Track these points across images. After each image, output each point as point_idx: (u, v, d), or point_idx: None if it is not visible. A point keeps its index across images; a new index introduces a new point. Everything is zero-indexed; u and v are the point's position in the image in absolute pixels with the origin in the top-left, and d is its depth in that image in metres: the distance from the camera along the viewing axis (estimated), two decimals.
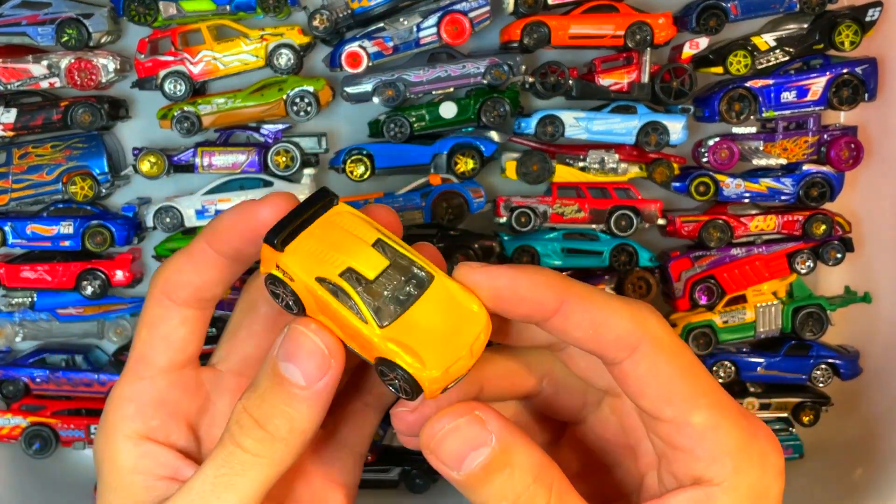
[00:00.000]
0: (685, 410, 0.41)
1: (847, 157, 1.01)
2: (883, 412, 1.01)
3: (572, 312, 0.41)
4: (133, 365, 0.48)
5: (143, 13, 0.97)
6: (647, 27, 0.97)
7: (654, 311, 0.43)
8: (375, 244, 0.42)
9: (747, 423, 0.43)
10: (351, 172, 1.00)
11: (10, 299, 1.03)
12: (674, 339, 0.42)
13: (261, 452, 0.43)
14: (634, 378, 0.42)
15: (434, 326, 0.41)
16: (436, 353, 0.40)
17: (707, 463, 0.41)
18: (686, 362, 0.42)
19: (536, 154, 1.01)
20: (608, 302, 0.42)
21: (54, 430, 1.03)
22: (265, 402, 0.43)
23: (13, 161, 1.01)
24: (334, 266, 0.41)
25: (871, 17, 0.97)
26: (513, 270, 0.42)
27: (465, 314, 0.41)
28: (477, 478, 0.41)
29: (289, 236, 0.42)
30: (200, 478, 0.43)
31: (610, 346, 0.42)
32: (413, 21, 0.98)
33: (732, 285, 1.03)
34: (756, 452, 0.42)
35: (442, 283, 0.42)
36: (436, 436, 0.41)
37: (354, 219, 0.43)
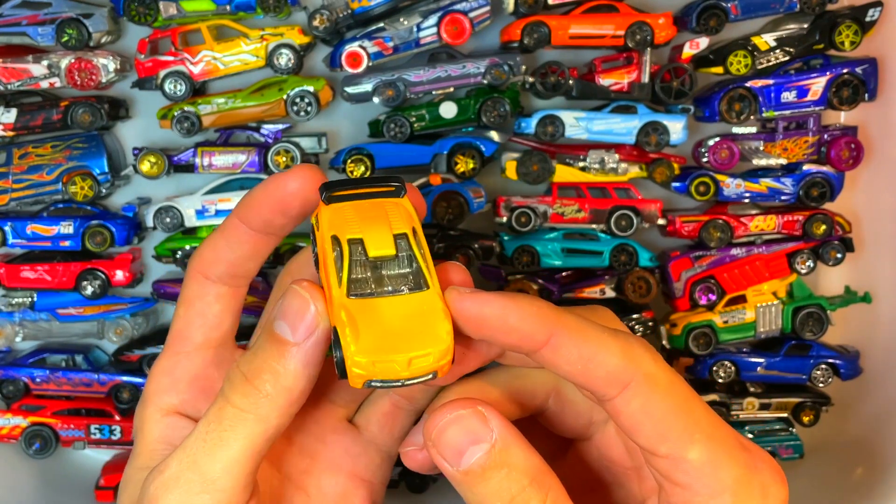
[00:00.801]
0: (681, 447, 0.40)
1: (847, 157, 1.01)
2: (883, 412, 1.01)
3: (561, 346, 0.40)
4: (171, 341, 0.51)
5: (143, 13, 0.97)
6: (648, 27, 0.97)
7: (647, 346, 0.42)
8: (398, 235, 0.43)
9: (747, 455, 0.42)
10: (351, 172, 1.00)
11: (10, 299, 1.03)
12: (667, 373, 0.41)
13: (247, 407, 0.43)
14: (627, 415, 0.41)
15: (393, 324, 0.41)
16: (374, 343, 0.40)
17: (705, 498, 0.41)
18: (680, 397, 0.41)
19: (536, 154, 1.01)
20: (599, 336, 0.41)
21: (54, 430, 1.03)
22: (256, 358, 0.43)
23: (13, 161, 1.01)
24: (350, 232, 0.42)
25: (872, 17, 0.97)
26: (502, 299, 0.41)
27: (430, 333, 0.41)
28: (474, 474, 0.40)
29: (339, 197, 0.43)
30: (194, 435, 0.44)
31: (600, 382, 0.41)
32: (413, 21, 0.98)
33: (732, 285, 1.03)
34: (757, 486, 0.41)
35: (430, 298, 0.42)
36: (437, 425, 0.40)
37: (402, 210, 0.44)
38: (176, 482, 0.43)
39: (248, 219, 0.47)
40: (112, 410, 1.04)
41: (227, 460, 0.43)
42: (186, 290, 0.50)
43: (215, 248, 0.49)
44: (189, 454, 0.43)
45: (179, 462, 0.43)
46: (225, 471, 0.43)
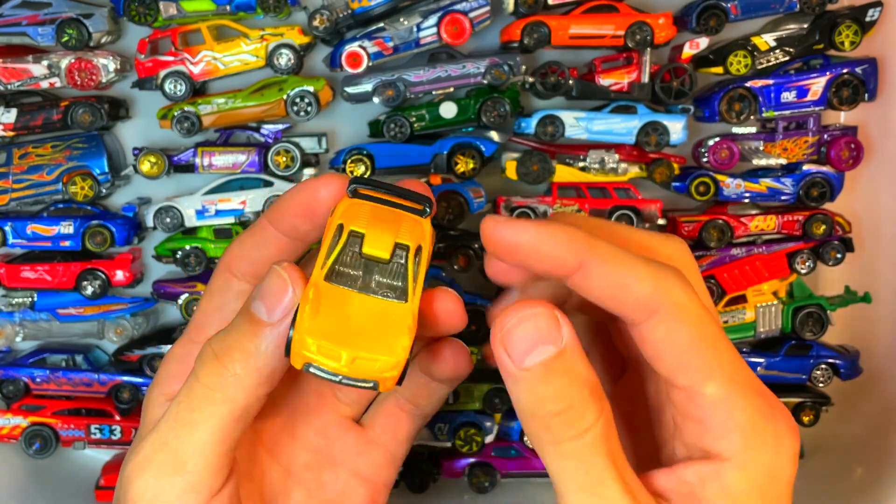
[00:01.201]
0: (699, 380, 0.41)
1: (847, 157, 1.01)
2: (883, 412, 1.01)
3: (592, 272, 0.41)
4: (189, 329, 0.51)
5: (143, 13, 0.97)
6: (648, 27, 0.97)
7: (679, 274, 0.42)
8: (400, 245, 0.42)
9: (764, 401, 0.42)
10: (351, 172, 1.00)
11: (10, 299, 1.03)
12: (698, 306, 0.41)
13: (214, 386, 0.43)
14: (651, 342, 0.41)
15: (355, 319, 0.41)
16: (327, 329, 0.40)
17: (717, 436, 0.41)
18: (706, 331, 0.41)
19: (536, 154, 1.01)
20: (631, 263, 0.41)
21: (54, 430, 1.03)
22: (228, 337, 0.43)
23: (13, 161, 1.01)
24: (356, 225, 0.42)
25: (871, 17, 0.97)
26: (535, 227, 0.42)
27: (387, 341, 0.41)
28: (537, 374, 0.40)
29: (364, 195, 0.44)
30: (166, 416, 0.44)
31: (629, 307, 0.41)
32: (413, 21, 0.98)
33: (732, 285, 1.03)
34: (770, 432, 0.41)
35: (403, 310, 0.42)
36: (512, 319, 0.40)
37: (417, 228, 0.44)
38: (148, 464, 0.43)
39: (276, 221, 0.47)
40: (112, 410, 1.04)
41: (198, 442, 0.43)
42: (211, 283, 0.51)
43: (242, 246, 0.49)
44: (161, 435, 0.43)
45: (152, 444, 0.44)
46: (196, 452, 0.43)
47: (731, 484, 0.41)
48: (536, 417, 0.40)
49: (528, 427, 0.41)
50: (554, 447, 0.40)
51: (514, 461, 1.03)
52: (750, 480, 0.41)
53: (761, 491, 0.41)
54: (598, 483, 0.39)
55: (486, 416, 1.03)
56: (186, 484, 0.43)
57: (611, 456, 0.40)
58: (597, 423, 0.40)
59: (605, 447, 0.40)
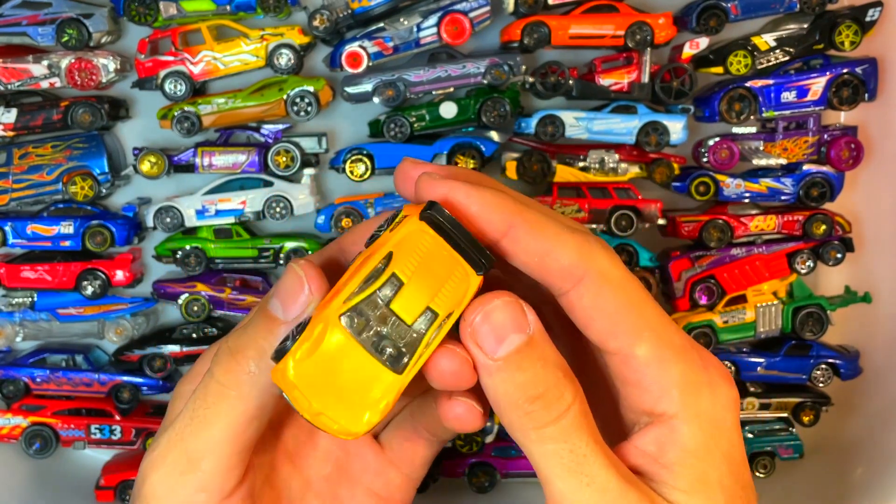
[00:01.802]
0: (629, 343, 0.41)
1: (847, 157, 1.01)
2: (883, 412, 1.01)
3: (520, 238, 0.41)
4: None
5: (143, 13, 0.97)
6: (648, 27, 0.97)
7: (603, 244, 0.43)
8: (430, 311, 0.41)
9: (696, 354, 0.43)
10: (351, 172, 1.00)
11: (10, 299, 1.03)
12: (621, 272, 0.42)
13: (229, 384, 0.43)
14: (580, 309, 0.42)
15: (341, 374, 0.40)
16: (311, 373, 0.39)
17: (656, 396, 0.42)
18: (631, 296, 0.42)
19: (537, 154, 1.01)
20: (557, 232, 0.42)
21: (54, 430, 1.03)
22: (244, 334, 0.43)
23: (13, 161, 1.01)
24: (403, 267, 0.40)
25: (872, 17, 0.97)
26: (468, 188, 0.42)
27: (356, 409, 0.40)
28: (512, 362, 0.40)
29: (435, 222, 0.41)
30: (182, 412, 0.44)
31: (555, 275, 0.42)
32: (413, 21, 0.98)
33: (733, 285, 1.03)
34: (705, 384, 0.42)
35: (391, 384, 0.40)
36: (483, 309, 0.40)
37: (461, 289, 0.41)
38: (163, 461, 0.43)
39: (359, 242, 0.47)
40: (112, 410, 1.04)
41: (211, 441, 0.43)
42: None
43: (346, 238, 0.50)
44: (177, 432, 0.43)
45: (168, 440, 0.43)
46: (209, 451, 0.43)
47: (686, 440, 0.41)
48: (516, 406, 0.40)
49: (508, 417, 0.41)
50: (536, 433, 0.40)
51: (514, 461, 1.03)
52: (700, 431, 0.41)
53: (714, 438, 0.42)
54: (584, 461, 0.40)
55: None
56: (199, 483, 0.43)
57: (592, 433, 0.41)
58: (574, 403, 0.40)
59: (585, 425, 0.41)
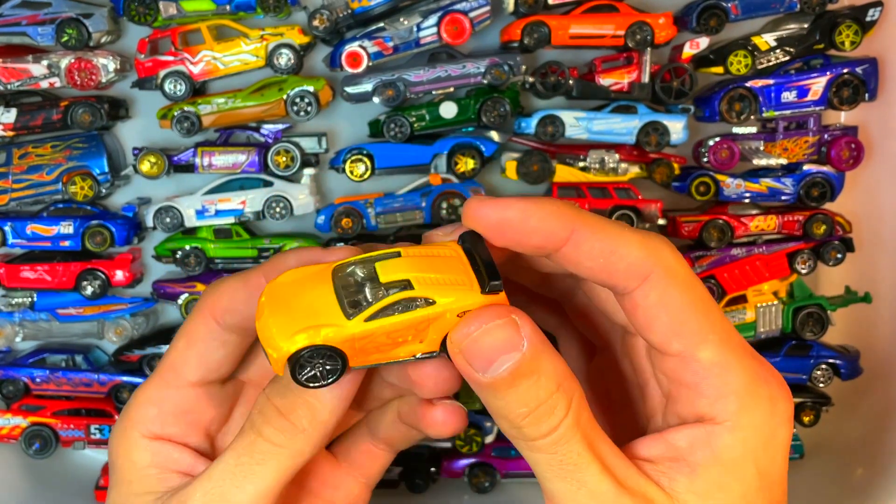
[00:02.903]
0: (693, 344, 0.41)
1: (847, 157, 1.01)
2: (883, 412, 1.01)
3: (583, 241, 0.41)
4: (164, 371, 0.49)
5: (143, 13, 0.97)
6: (648, 27, 0.97)
7: (668, 242, 0.42)
8: (406, 282, 0.41)
9: (758, 365, 0.42)
10: (351, 172, 1.00)
11: (10, 299, 1.03)
12: (687, 271, 0.41)
13: (282, 442, 0.43)
14: (644, 308, 0.41)
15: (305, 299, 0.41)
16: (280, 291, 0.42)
17: (711, 400, 0.41)
18: (698, 296, 0.41)
19: (537, 154, 1.01)
20: (620, 231, 0.41)
21: (54, 430, 1.03)
22: (290, 392, 0.43)
23: (13, 161, 1.01)
24: (407, 252, 0.42)
25: (872, 16, 0.97)
26: (522, 202, 0.41)
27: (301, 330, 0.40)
28: (503, 381, 0.39)
29: (465, 246, 0.42)
30: (221, 465, 0.44)
31: (621, 274, 0.41)
32: (413, 21, 0.98)
33: (733, 285, 1.03)
34: (765, 396, 0.41)
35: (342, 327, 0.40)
36: (469, 336, 0.40)
37: (458, 293, 0.41)
38: None
39: (272, 276, 0.45)
40: (112, 410, 1.04)
41: (256, 492, 0.43)
42: (193, 329, 0.48)
43: (234, 298, 0.47)
44: (216, 485, 0.43)
45: (205, 493, 0.43)
46: (252, 502, 0.43)
47: (723, 447, 0.40)
48: (507, 420, 0.40)
49: (501, 427, 0.41)
50: (527, 444, 0.41)
51: (514, 461, 1.03)
52: (744, 443, 0.41)
53: (755, 453, 0.41)
54: (575, 469, 0.40)
55: (486, 416, 1.03)
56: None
57: (585, 440, 0.40)
58: (567, 414, 0.40)
59: (578, 434, 0.40)
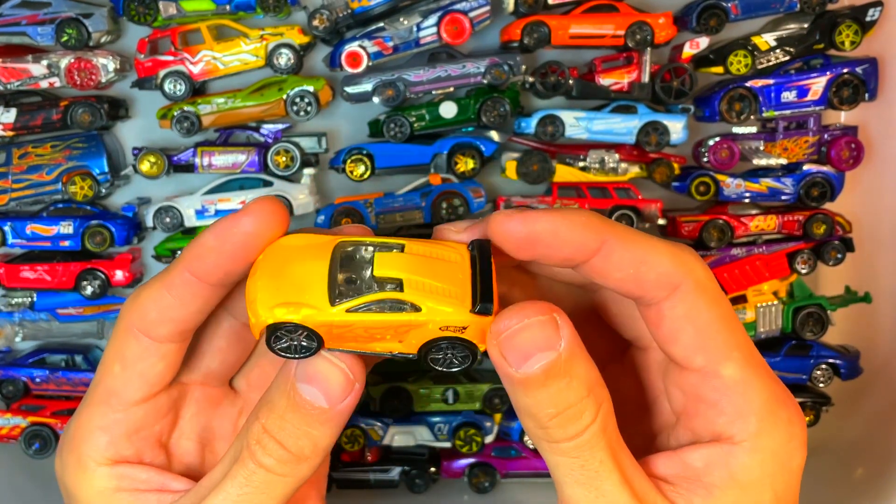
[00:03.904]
0: (717, 360, 0.40)
1: (847, 156, 1.01)
2: (883, 412, 1.01)
3: (613, 252, 0.40)
4: (104, 397, 0.46)
5: (143, 13, 0.97)
6: (648, 27, 0.97)
7: (697, 255, 0.42)
8: (398, 282, 0.40)
9: (777, 386, 0.41)
10: (351, 172, 1.00)
11: (9, 299, 1.03)
12: (715, 285, 0.41)
13: (285, 472, 0.43)
14: (670, 320, 0.40)
15: (297, 271, 0.40)
16: (276, 255, 0.41)
17: (731, 419, 0.40)
18: (725, 311, 0.41)
19: (536, 154, 1.01)
20: (650, 241, 0.41)
21: (54, 430, 1.03)
22: (287, 423, 0.42)
23: (13, 161, 1.01)
24: (412, 248, 0.41)
25: (872, 16, 0.97)
26: (550, 214, 0.41)
27: (282, 302, 0.40)
28: (536, 380, 0.39)
29: (474, 254, 0.41)
30: (221, 496, 0.43)
31: (650, 285, 0.40)
32: (413, 21, 0.98)
33: (733, 285, 1.03)
34: (784, 418, 0.41)
35: (323, 310, 0.40)
36: (509, 328, 0.39)
37: (448, 306, 0.40)
38: None
39: (202, 272, 0.42)
40: None
41: None
42: (125, 349, 0.45)
43: (160, 307, 0.43)
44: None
45: None
46: None
47: (740, 469, 0.40)
48: (534, 419, 0.40)
49: (526, 426, 0.41)
50: (550, 445, 0.40)
51: (514, 461, 1.03)
52: (761, 465, 0.40)
53: (772, 476, 0.40)
54: (595, 476, 0.39)
55: (486, 416, 1.03)
56: None
57: (609, 449, 0.40)
58: (595, 421, 0.39)
59: (603, 441, 0.40)
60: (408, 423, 1.03)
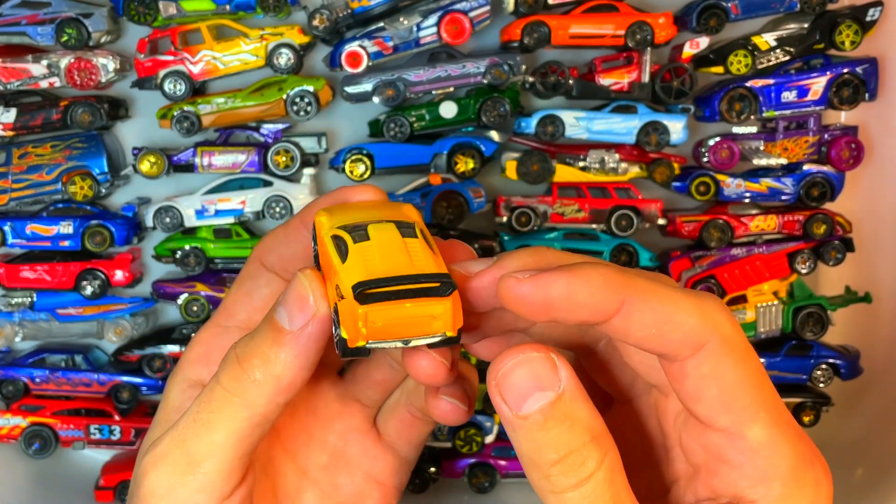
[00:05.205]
0: (743, 422, 0.38)
1: (847, 156, 1.01)
2: (883, 412, 1.01)
3: (634, 311, 0.38)
4: (217, 315, 0.51)
5: (143, 13, 0.97)
6: (648, 27, 0.97)
7: (723, 306, 0.39)
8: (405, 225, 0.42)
9: (805, 446, 0.39)
10: (351, 172, 1.00)
11: (9, 299, 1.03)
12: (743, 340, 0.39)
13: (234, 391, 0.43)
14: (695, 379, 0.38)
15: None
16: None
17: (754, 483, 0.38)
18: (752, 369, 0.39)
19: (536, 154, 1.01)
20: (673, 297, 0.38)
21: (54, 430, 1.03)
22: (251, 342, 0.43)
23: (13, 161, 1.01)
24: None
25: (872, 16, 0.97)
26: (567, 276, 0.38)
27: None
28: (535, 422, 0.37)
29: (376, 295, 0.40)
30: (186, 414, 0.44)
31: (675, 344, 0.38)
32: (413, 20, 0.98)
33: (733, 285, 1.03)
34: (811, 481, 0.39)
35: None
36: (505, 365, 0.38)
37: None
38: (164, 459, 0.43)
39: (307, 222, 0.47)
40: (111, 410, 1.04)
41: (213, 444, 0.43)
42: (243, 271, 0.51)
43: (274, 239, 0.50)
44: (180, 433, 0.44)
45: (171, 440, 0.44)
46: (210, 454, 0.43)
47: None
48: (536, 466, 0.38)
49: (529, 475, 0.39)
50: (554, 497, 0.38)
51: (514, 461, 1.03)
52: None
53: None
54: None
55: (486, 416, 1.03)
56: (199, 484, 0.43)
57: (615, 499, 0.38)
58: (599, 469, 0.38)
59: (608, 494, 0.38)
60: None
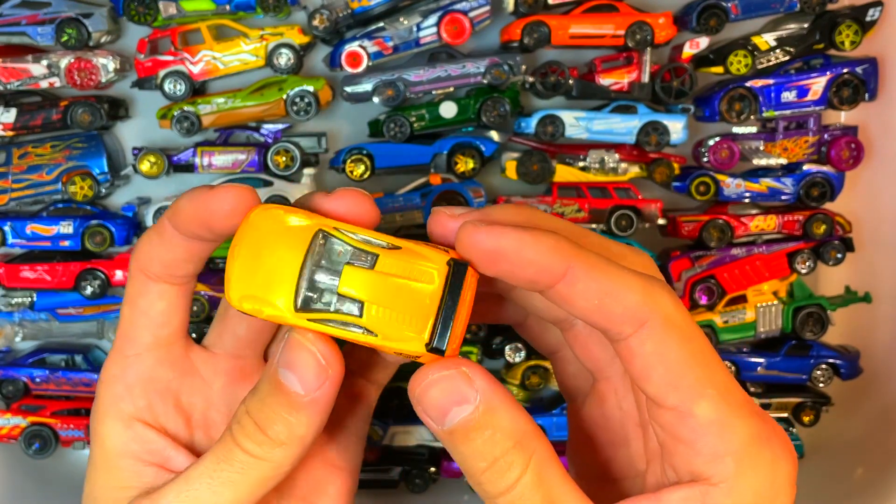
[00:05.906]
0: (690, 399, 0.38)
1: (847, 156, 1.01)
2: (883, 412, 1.01)
3: (578, 280, 0.38)
4: (119, 344, 0.49)
5: (143, 13, 0.97)
6: (648, 27, 0.97)
7: (668, 288, 0.40)
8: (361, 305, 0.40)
9: (760, 422, 0.40)
10: (351, 172, 1.00)
11: (9, 299, 1.03)
12: (687, 320, 0.39)
13: (261, 455, 0.43)
14: (640, 357, 0.39)
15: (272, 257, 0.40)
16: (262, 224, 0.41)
17: (707, 459, 0.39)
18: (697, 347, 0.39)
19: (536, 154, 1.01)
20: (618, 272, 0.39)
21: (54, 430, 1.03)
22: (266, 407, 0.43)
23: (13, 161, 1.01)
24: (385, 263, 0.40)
25: (872, 16, 0.97)
26: (519, 231, 0.39)
27: (254, 289, 0.41)
28: (458, 434, 0.39)
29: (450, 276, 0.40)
30: (199, 469, 0.43)
31: (616, 319, 0.38)
32: (413, 21, 0.98)
33: (733, 285, 1.03)
34: (766, 458, 0.39)
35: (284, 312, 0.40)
36: (421, 384, 0.39)
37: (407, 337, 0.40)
38: None
39: (177, 225, 0.44)
40: None
41: (233, 500, 0.43)
42: (129, 289, 0.48)
43: (150, 246, 0.46)
44: (192, 488, 0.43)
45: (177, 495, 0.43)
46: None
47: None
48: (469, 475, 0.40)
49: (469, 480, 0.41)
50: (488, 501, 0.40)
51: None
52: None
53: None
54: None
55: None
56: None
57: (546, 500, 0.39)
58: (525, 473, 0.38)
59: (538, 495, 0.38)
60: (408, 423, 1.03)
